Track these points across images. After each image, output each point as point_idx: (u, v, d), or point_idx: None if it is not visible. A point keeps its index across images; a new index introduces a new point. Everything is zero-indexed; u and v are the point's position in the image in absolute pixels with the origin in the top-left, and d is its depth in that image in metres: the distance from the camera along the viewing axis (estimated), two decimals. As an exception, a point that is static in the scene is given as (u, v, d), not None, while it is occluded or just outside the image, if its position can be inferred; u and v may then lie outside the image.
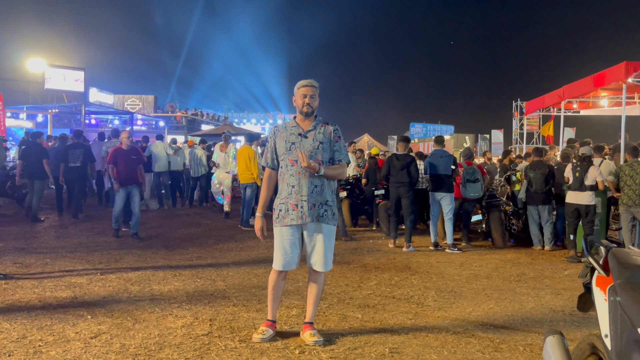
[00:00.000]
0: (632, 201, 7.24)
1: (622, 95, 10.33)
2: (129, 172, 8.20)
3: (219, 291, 5.24)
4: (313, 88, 3.83)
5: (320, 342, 3.77)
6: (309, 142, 3.78)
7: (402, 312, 4.69)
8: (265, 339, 3.77)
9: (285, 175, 3.80)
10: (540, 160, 8.49)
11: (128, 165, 8.17)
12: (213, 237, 8.51)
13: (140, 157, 8.50)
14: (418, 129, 35.88)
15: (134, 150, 8.48)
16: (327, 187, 3.83)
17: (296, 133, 3.81)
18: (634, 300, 1.96)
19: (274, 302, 3.93)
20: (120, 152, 8.24)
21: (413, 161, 8.15)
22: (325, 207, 3.80)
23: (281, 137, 3.84)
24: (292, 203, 3.75)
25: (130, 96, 37.94)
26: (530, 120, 22.30)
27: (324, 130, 3.84)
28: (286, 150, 3.80)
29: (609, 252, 2.34)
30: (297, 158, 3.73)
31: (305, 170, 3.72)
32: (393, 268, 6.60)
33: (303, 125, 3.85)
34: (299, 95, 3.83)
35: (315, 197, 3.75)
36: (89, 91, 23.87)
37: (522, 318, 4.61)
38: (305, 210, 3.73)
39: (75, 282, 5.44)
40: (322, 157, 3.79)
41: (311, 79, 3.86)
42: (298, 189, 3.74)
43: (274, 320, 3.95)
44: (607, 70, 10.34)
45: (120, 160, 8.17)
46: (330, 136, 3.84)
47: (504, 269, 6.70)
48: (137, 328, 4.07)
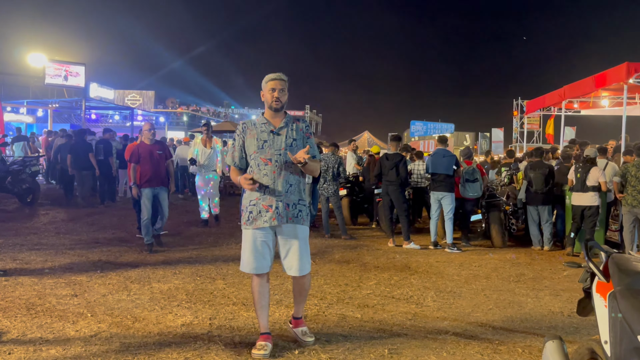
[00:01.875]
0: (637, 201, 7.21)
1: (622, 96, 10.35)
2: (156, 171, 6.96)
3: (219, 290, 5.25)
4: (282, 82, 3.63)
5: (310, 342, 3.78)
6: (281, 139, 3.60)
7: (402, 312, 4.70)
8: (266, 355, 3.53)
9: (257, 175, 3.57)
10: (540, 160, 8.49)
11: (154, 163, 6.95)
12: (213, 235, 8.52)
13: (167, 152, 7.29)
14: (418, 126, 35.87)
15: (159, 145, 7.25)
16: (301, 186, 3.68)
17: (267, 130, 3.62)
18: (634, 307, 1.96)
19: (262, 310, 3.69)
20: (143, 147, 7.02)
21: (402, 160, 8.22)
22: (300, 206, 3.64)
23: (251, 135, 3.63)
24: (265, 204, 3.56)
25: (130, 91, 37.94)
26: (531, 119, 22.32)
27: (295, 127, 3.68)
28: (258, 149, 3.59)
29: (609, 257, 2.34)
30: (270, 156, 3.56)
31: (279, 169, 3.55)
32: (392, 267, 6.61)
33: (274, 121, 3.65)
34: (267, 90, 3.63)
35: (290, 196, 3.59)
36: (90, 86, 23.84)
37: (521, 319, 4.62)
38: (281, 211, 3.56)
39: (75, 280, 5.45)
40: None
41: (280, 72, 3.66)
42: (272, 188, 3.55)
43: (269, 333, 3.72)
44: (608, 71, 10.35)
45: (144, 157, 6.94)
46: (302, 133, 3.69)
47: (503, 269, 6.71)
48: (136, 327, 4.08)
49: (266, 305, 3.72)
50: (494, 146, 28.70)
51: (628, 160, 8.00)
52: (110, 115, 33.19)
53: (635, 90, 11.96)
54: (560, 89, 13.28)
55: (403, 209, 8.24)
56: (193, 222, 9.69)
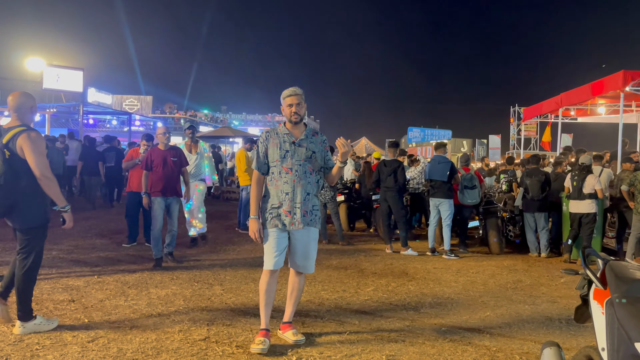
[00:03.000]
0: None
1: (619, 103, 10.40)
2: (169, 180, 6.43)
3: (216, 295, 5.25)
4: (298, 96, 3.90)
5: (301, 341, 3.91)
6: (302, 150, 3.88)
7: (399, 318, 4.70)
8: (264, 350, 3.70)
9: (279, 182, 3.85)
10: (537, 167, 8.52)
11: (167, 170, 6.42)
12: (210, 240, 8.50)
13: (183, 159, 6.72)
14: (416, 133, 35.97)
15: (174, 151, 6.64)
16: (315, 194, 3.96)
17: (289, 141, 3.89)
18: (631, 315, 1.97)
19: (266, 307, 3.93)
20: (156, 153, 6.49)
21: (400, 166, 8.25)
22: (315, 211, 3.93)
23: (274, 144, 3.90)
24: (285, 209, 3.83)
25: (128, 96, 37.96)
26: (528, 126, 22.40)
27: (315, 140, 3.96)
28: (280, 158, 3.86)
29: (606, 265, 2.35)
30: (291, 166, 3.83)
31: (299, 179, 3.82)
32: (390, 274, 6.62)
33: (294, 132, 3.93)
34: (286, 105, 3.91)
35: (307, 203, 3.87)
36: (87, 91, 23.85)
37: (518, 326, 4.63)
38: (298, 217, 3.83)
39: (72, 285, 5.44)
40: (314, 165, 3.92)
41: (295, 87, 3.93)
42: (292, 196, 3.82)
43: (269, 329, 3.93)
44: (605, 79, 10.41)
45: (157, 163, 6.42)
46: (321, 146, 3.97)
47: (500, 276, 6.72)
48: (134, 332, 4.07)
49: (271, 302, 3.96)
50: (491, 153, 28.79)
51: (627, 167, 8.01)
52: (108, 120, 33.19)
53: (631, 98, 12.03)
54: (557, 97, 13.35)
55: (401, 215, 8.28)
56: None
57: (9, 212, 3.90)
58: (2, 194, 3.82)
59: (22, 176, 3.83)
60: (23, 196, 3.86)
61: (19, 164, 3.82)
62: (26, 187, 3.84)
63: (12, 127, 3.89)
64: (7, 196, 3.83)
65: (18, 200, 3.86)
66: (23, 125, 3.93)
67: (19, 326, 3.96)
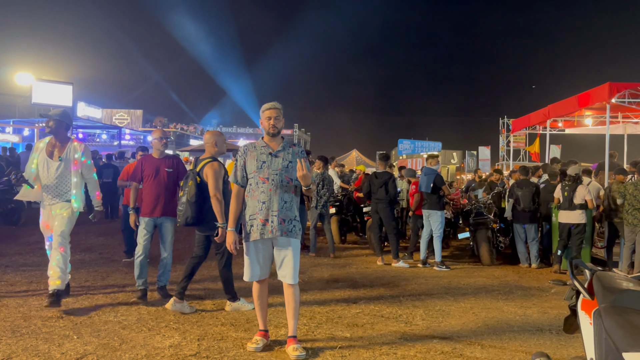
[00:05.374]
0: (637, 220, 7.26)
1: (605, 115, 10.53)
2: (161, 195, 5.43)
3: (207, 310, 5.21)
4: (276, 110, 4.06)
5: (302, 356, 3.88)
6: (279, 161, 4.00)
7: (391, 331, 4.70)
8: (259, 349, 4.00)
9: (256, 192, 3.98)
10: (527, 178, 8.59)
11: (159, 183, 5.46)
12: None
13: (181, 169, 5.65)
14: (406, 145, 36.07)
15: (170, 160, 5.64)
16: (295, 204, 4.05)
17: (266, 152, 4.02)
18: (619, 325, 1.99)
19: (261, 311, 4.16)
20: (148, 162, 5.56)
21: (391, 178, 8.30)
22: (294, 222, 4.02)
23: (251, 156, 4.04)
24: (262, 218, 3.94)
25: (118, 110, 37.84)
26: (517, 137, 22.58)
27: (292, 151, 4.08)
28: (257, 169, 3.99)
29: (593, 275, 2.38)
30: (268, 175, 3.95)
31: (275, 188, 3.93)
32: (382, 286, 6.61)
33: (272, 145, 4.07)
34: (265, 118, 4.06)
35: (285, 212, 3.96)
36: (77, 105, 23.74)
37: (509, 337, 4.64)
38: (275, 225, 3.92)
39: (61, 301, 5.36)
40: (291, 175, 4.01)
41: (275, 101, 4.09)
42: (269, 204, 3.93)
43: (267, 330, 4.20)
44: (591, 91, 10.55)
45: (148, 174, 5.48)
46: (297, 156, 4.05)
47: (491, 287, 6.74)
48: (124, 348, 4.03)
49: (265, 307, 4.19)
50: (481, 164, 28.92)
51: (621, 180, 8.06)
52: (97, 134, 33.04)
53: (617, 109, 12.19)
54: (544, 108, 13.50)
55: (392, 227, 8.30)
56: (179, 241, 9.61)
57: (197, 223, 5.00)
58: (194, 210, 4.91)
59: (207, 197, 4.87)
60: (208, 212, 4.92)
61: (205, 188, 4.90)
62: (210, 205, 4.85)
63: (204, 159, 5.03)
64: (197, 212, 4.94)
65: (205, 215, 4.96)
66: (211, 157, 5.03)
67: (228, 305, 5.25)
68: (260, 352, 3.99)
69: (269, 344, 4.14)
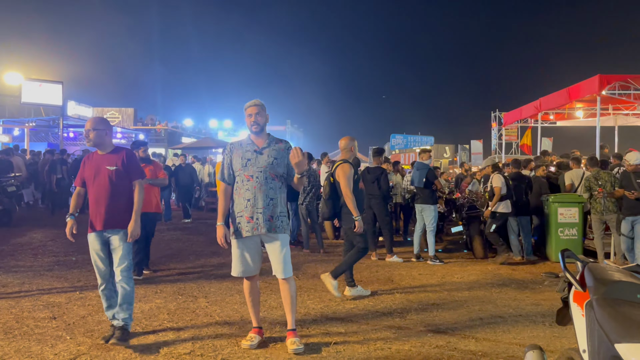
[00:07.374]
0: (602, 206, 7.47)
1: (596, 107, 10.58)
2: (104, 202, 4.12)
3: (201, 308, 5.20)
4: (258, 106, 4.07)
5: (300, 349, 3.90)
6: (264, 158, 4.01)
7: (385, 326, 4.70)
8: (253, 346, 4.00)
9: (242, 189, 4.00)
10: (519, 172, 8.62)
11: (100, 187, 4.14)
12: (194, 253, 8.44)
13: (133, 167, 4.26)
14: (399, 139, 36.15)
15: (116, 156, 4.22)
16: (280, 200, 4.05)
17: (251, 150, 4.04)
18: (610, 316, 2.00)
19: (254, 308, 4.17)
20: (90, 162, 4.26)
21: (383, 173, 8.28)
22: (281, 217, 4.03)
23: (237, 154, 4.06)
24: (247, 216, 3.96)
25: (109, 109, 37.55)
26: (509, 130, 22.66)
27: (277, 147, 4.08)
28: (242, 167, 4.00)
29: (585, 267, 2.38)
30: (252, 173, 3.97)
31: (260, 185, 3.95)
32: (376, 281, 6.62)
33: (257, 142, 4.08)
34: (247, 116, 4.08)
35: (272, 209, 3.97)
36: (67, 104, 23.55)
37: (503, 330, 4.66)
38: (261, 222, 3.94)
39: (53, 302, 5.34)
40: (276, 171, 4.02)
41: (256, 99, 4.09)
42: (254, 202, 3.95)
43: (260, 327, 4.20)
44: (581, 83, 10.59)
45: (88, 176, 4.21)
46: (283, 152, 4.07)
47: (484, 280, 6.76)
48: (117, 348, 4.01)
49: (257, 303, 4.20)
50: (473, 158, 29.04)
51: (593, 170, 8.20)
52: (88, 133, 32.77)
53: (607, 101, 12.26)
54: (536, 101, 13.55)
55: (385, 222, 8.30)
56: (174, 240, 9.60)
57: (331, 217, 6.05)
58: (329, 206, 5.88)
59: (340, 194, 5.63)
60: (342, 207, 5.71)
61: (337, 187, 5.66)
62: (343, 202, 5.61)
63: (338, 161, 5.79)
64: (331, 208, 5.88)
65: (339, 210, 5.83)
66: (342, 160, 5.71)
67: (347, 290, 5.83)
68: (255, 349, 3.99)
69: (264, 341, 4.14)
